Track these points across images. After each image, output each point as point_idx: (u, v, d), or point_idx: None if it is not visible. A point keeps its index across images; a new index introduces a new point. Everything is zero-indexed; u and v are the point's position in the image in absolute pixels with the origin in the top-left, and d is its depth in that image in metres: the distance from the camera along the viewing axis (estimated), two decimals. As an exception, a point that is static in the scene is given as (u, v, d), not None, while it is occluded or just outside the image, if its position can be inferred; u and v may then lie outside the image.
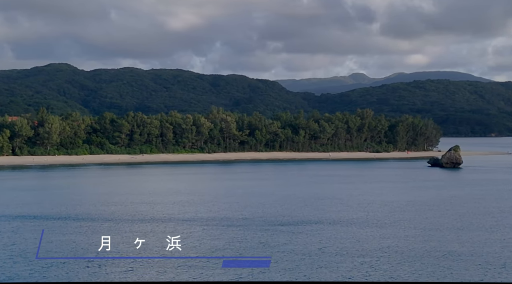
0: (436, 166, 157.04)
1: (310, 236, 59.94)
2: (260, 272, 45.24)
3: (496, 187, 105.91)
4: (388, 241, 57.43)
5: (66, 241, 55.64)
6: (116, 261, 47.75)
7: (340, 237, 59.31)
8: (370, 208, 79.26)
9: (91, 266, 46.27)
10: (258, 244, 56.14)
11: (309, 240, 57.84)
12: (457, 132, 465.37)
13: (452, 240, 58.21)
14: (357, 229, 63.74)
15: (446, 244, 56.18)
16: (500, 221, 69.08)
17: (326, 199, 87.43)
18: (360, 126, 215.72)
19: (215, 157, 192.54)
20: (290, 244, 56.60)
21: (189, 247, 52.72)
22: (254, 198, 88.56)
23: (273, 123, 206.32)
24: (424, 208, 78.84)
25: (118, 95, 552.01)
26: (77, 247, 53.30)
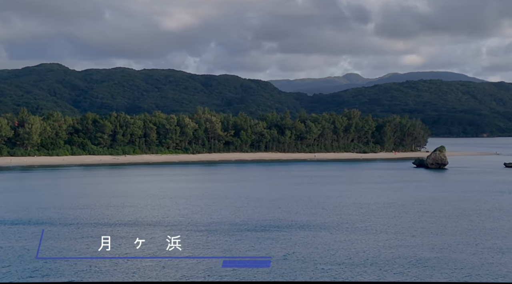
0: (421, 167, 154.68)
1: (276, 241, 57.34)
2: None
3: (477, 188, 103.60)
4: (356, 246, 54.94)
5: (19, 248, 52.95)
6: (78, 261, 46.62)
7: (307, 243, 56.73)
8: (345, 211, 76.73)
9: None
10: (219, 251, 53.57)
11: (274, 246, 55.35)
12: (449, 133, 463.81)
13: (422, 245, 55.70)
14: (326, 234, 61.16)
15: (415, 249, 53.69)
16: (476, 225, 66.59)
17: (301, 202, 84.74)
18: (347, 126, 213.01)
19: (199, 157, 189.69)
20: (253, 250, 54.10)
21: (152, 251, 50.53)
22: (227, 201, 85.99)
23: (258, 123, 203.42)
24: (400, 211, 76.31)
25: (109, 95, 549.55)
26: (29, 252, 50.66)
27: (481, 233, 62.43)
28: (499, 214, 74.77)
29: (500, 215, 74.39)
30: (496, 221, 69.72)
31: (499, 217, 72.29)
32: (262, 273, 45.18)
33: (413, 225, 66.99)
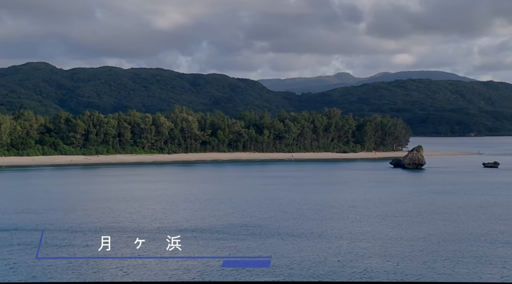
0: (398, 167, 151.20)
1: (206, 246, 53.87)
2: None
3: (449, 189, 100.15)
4: (303, 254, 51.20)
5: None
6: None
7: (247, 249, 53.03)
8: (303, 214, 73.08)
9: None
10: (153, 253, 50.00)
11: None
12: (437, 132, 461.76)
13: (373, 252, 51.96)
14: (274, 241, 57.40)
15: (364, 257, 50.00)
16: (438, 229, 62.87)
17: (250, 204, 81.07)
18: (327, 125, 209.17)
19: (175, 158, 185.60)
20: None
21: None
22: (182, 205, 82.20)
23: (236, 122, 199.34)
24: (362, 215, 72.62)
25: (95, 94, 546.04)
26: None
27: (440, 239, 58.74)
28: (464, 218, 71.21)
29: (465, 218, 70.82)
30: (459, 225, 66.07)
31: (464, 221, 68.66)
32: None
33: (371, 230, 63.36)
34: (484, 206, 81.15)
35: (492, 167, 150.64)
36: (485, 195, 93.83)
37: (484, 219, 69.47)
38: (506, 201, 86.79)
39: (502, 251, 52.26)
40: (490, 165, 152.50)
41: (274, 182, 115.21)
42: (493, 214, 73.80)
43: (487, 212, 75.63)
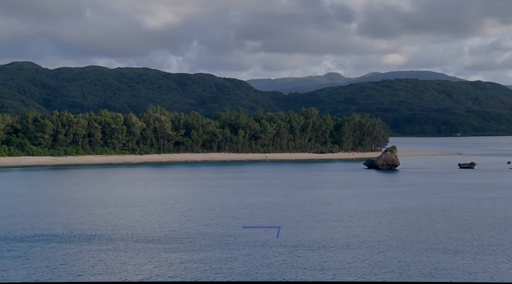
0: (372, 168, 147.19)
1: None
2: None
3: (414, 190, 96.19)
4: (211, 264, 47.01)
5: None
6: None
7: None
8: (248, 217, 68.99)
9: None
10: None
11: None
12: (423, 132, 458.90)
13: (291, 262, 47.71)
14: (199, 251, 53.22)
15: (275, 268, 45.77)
16: (376, 236, 58.75)
17: (198, 209, 76.96)
18: (304, 125, 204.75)
19: (147, 158, 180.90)
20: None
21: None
22: (128, 210, 77.89)
23: (210, 122, 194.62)
24: (305, 217, 68.54)
25: (80, 94, 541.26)
26: None
27: (390, 246, 54.60)
28: (423, 223, 67.08)
29: (424, 223, 66.67)
30: (414, 232, 61.87)
31: (421, 227, 64.41)
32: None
33: (299, 234, 59.28)
34: (447, 210, 77.23)
35: (468, 168, 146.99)
36: (451, 198, 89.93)
37: (442, 225, 65.26)
38: (470, 204, 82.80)
39: (450, 261, 48.11)
40: (466, 165, 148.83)
41: (236, 184, 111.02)
42: (454, 219, 69.69)
43: (448, 217, 71.59)
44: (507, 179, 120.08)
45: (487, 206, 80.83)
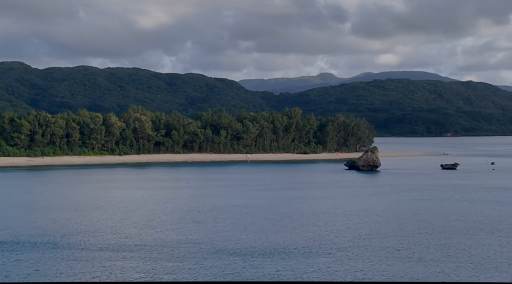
0: (353, 169, 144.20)
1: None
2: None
3: (386, 190, 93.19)
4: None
5: None
6: None
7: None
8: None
9: None
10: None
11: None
12: (413, 132, 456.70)
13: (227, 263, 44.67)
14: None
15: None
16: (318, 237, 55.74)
17: (154, 214, 73.82)
18: (287, 126, 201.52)
19: (126, 159, 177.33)
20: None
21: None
22: (86, 213, 74.71)
23: (192, 122, 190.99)
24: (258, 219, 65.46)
25: (69, 94, 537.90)
26: None
27: (332, 253, 51.52)
28: (384, 227, 64.08)
29: (385, 228, 63.64)
30: (366, 239, 58.86)
31: (378, 232, 61.38)
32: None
33: (258, 239, 56.21)
34: (419, 213, 74.19)
35: (450, 169, 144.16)
36: (426, 200, 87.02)
37: (409, 230, 62.17)
38: (445, 207, 79.84)
39: (412, 270, 44.93)
40: (448, 166, 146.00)
41: (209, 186, 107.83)
42: (423, 223, 66.60)
43: (418, 221, 68.58)
44: (488, 180, 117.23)
45: (462, 209, 77.93)
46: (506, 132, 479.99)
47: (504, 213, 73.75)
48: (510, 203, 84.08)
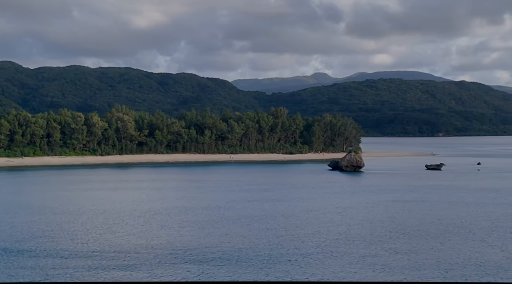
0: (336, 170, 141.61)
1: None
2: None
3: (352, 190, 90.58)
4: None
5: None
6: None
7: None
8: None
9: None
10: None
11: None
12: (405, 132, 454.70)
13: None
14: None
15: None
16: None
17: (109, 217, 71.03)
18: (273, 125, 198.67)
19: (108, 159, 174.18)
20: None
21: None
22: (34, 216, 71.79)
23: (175, 122, 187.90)
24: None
25: (60, 94, 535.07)
26: None
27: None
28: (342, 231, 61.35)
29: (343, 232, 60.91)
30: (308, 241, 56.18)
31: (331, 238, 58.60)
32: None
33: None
34: (395, 217, 71.53)
35: (435, 169, 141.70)
36: (405, 202, 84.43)
37: (377, 235, 59.54)
38: (422, 209, 77.20)
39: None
40: (433, 167, 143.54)
41: (185, 187, 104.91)
42: (396, 227, 64.02)
43: (391, 224, 66.02)
44: (471, 181, 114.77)
45: (439, 212, 75.38)
46: (498, 132, 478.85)
47: (481, 216, 71.25)
48: (490, 205, 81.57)
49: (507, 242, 55.68)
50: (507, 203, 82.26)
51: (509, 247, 53.40)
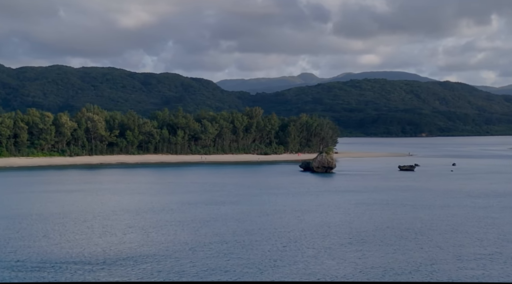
0: (308, 171, 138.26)
1: None
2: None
3: (330, 194, 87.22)
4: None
5: None
6: None
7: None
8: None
9: None
10: None
11: None
12: (388, 132, 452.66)
13: None
14: None
15: None
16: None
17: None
18: (247, 126, 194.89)
19: (77, 160, 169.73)
20: None
21: None
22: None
23: (147, 122, 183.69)
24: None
25: (41, 93, 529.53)
26: None
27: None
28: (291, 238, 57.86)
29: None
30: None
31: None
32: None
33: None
34: (350, 221, 68.12)
35: (408, 170, 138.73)
36: (369, 205, 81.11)
37: (327, 242, 56.12)
38: (383, 213, 73.89)
39: None
40: (405, 168, 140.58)
41: (140, 189, 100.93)
42: (348, 231, 60.68)
43: (348, 228, 62.66)
44: (440, 183, 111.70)
45: (399, 215, 72.10)
46: (481, 132, 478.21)
47: (440, 219, 68.10)
48: (454, 207, 78.48)
49: (458, 245, 52.45)
50: (471, 206, 79.22)
51: (461, 251, 50.16)
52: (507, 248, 52.38)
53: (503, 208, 77.52)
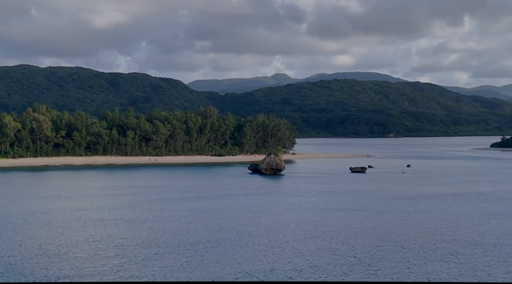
0: (256, 173, 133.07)
1: None
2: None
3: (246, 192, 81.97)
4: None
5: None
6: None
7: None
8: None
9: None
10: None
11: None
12: (356, 133, 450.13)
13: None
14: None
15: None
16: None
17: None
18: (201, 126, 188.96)
19: (20, 162, 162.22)
20: None
21: None
22: None
23: (95, 122, 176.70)
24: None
25: (5, 93, 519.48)
26: None
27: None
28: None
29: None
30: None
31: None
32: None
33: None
34: (278, 229, 62.92)
35: (359, 172, 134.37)
36: (304, 211, 76.02)
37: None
38: (317, 218, 68.79)
39: None
40: (357, 169, 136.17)
41: (72, 193, 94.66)
42: (264, 240, 55.48)
43: (266, 236, 57.44)
44: (387, 186, 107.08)
45: (333, 221, 67.11)
46: (449, 132, 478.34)
47: (372, 225, 63.22)
48: (395, 212, 73.78)
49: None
50: (399, 211, 74.59)
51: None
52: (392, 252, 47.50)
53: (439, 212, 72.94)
